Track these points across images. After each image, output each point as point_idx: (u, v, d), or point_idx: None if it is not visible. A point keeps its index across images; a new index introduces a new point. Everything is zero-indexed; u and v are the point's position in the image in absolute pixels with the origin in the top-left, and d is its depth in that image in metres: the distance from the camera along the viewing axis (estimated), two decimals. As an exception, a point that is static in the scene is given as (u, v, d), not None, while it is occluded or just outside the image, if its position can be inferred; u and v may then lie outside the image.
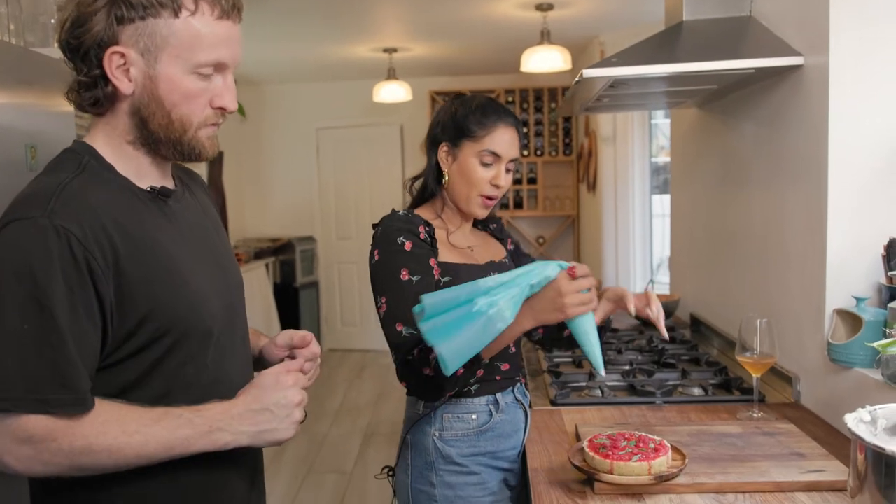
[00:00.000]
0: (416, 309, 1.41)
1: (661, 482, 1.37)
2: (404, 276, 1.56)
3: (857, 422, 1.04)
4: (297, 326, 6.84)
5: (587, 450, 1.45)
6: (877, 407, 1.07)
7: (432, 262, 1.61)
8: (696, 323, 2.88)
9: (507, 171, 1.68)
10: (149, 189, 1.18)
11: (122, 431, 1.05)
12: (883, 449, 0.94)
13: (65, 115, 2.16)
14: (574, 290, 1.41)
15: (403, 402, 1.74)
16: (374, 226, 1.67)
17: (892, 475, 0.94)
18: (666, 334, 1.61)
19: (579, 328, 1.46)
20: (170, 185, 1.24)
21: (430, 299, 1.39)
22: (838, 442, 1.62)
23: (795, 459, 1.48)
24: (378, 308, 1.59)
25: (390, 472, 1.75)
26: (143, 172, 1.18)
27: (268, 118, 7.38)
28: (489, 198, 1.68)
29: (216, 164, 6.30)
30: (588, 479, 1.43)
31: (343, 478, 4.18)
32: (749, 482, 1.38)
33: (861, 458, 1.00)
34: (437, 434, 1.63)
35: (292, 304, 6.93)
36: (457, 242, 1.71)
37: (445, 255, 1.65)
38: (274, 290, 6.76)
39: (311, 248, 7.28)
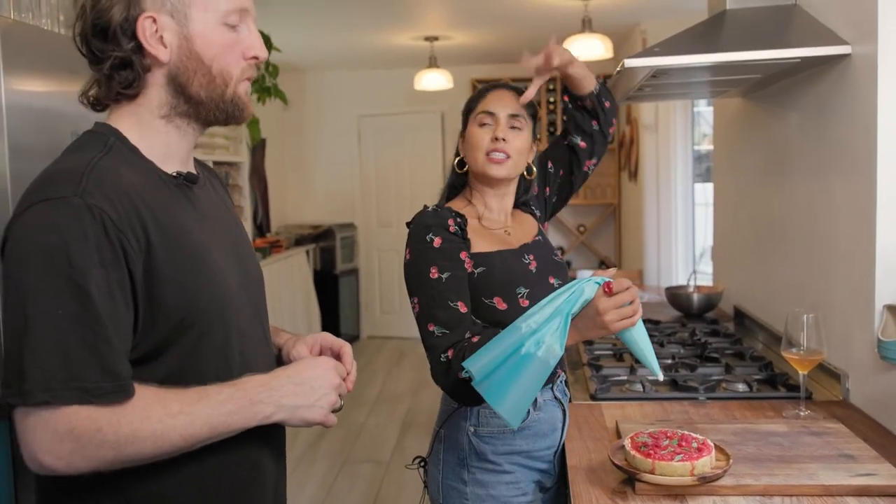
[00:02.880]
0: (464, 374, 1.41)
1: (705, 483, 1.35)
2: (433, 274, 1.55)
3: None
4: (336, 313, 6.94)
5: (628, 448, 1.43)
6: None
7: (463, 255, 1.60)
8: (739, 316, 2.83)
9: (513, 128, 1.68)
10: (175, 174, 1.16)
11: (165, 413, 1.01)
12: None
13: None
14: (613, 307, 1.40)
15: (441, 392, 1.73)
16: (408, 224, 1.67)
17: (946, 484, 0.92)
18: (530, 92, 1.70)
19: (628, 339, 1.45)
20: (192, 170, 1.22)
21: (474, 364, 1.39)
22: (889, 443, 1.57)
23: (844, 461, 1.44)
24: (413, 308, 1.60)
25: (422, 464, 1.74)
26: (170, 153, 1.17)
27: (310, 105, 7.43)
28: (494, 153, 1.67)
29: (259, 150, 6.36)
30: (629, 478, 1.41)
31: (380, 468, 4.20)
32: (796, 485, 1.35)
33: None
34: (472, 429, 1.62)
35: (332, 291, 6.98)
36: (491, 225, 1.70)
37: (479, 243, 1.64)
38: (314, 276, 6.81)
39: (351, 235, 7.31)
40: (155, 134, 1.15)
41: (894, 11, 1.66)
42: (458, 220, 1.63)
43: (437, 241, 1.58)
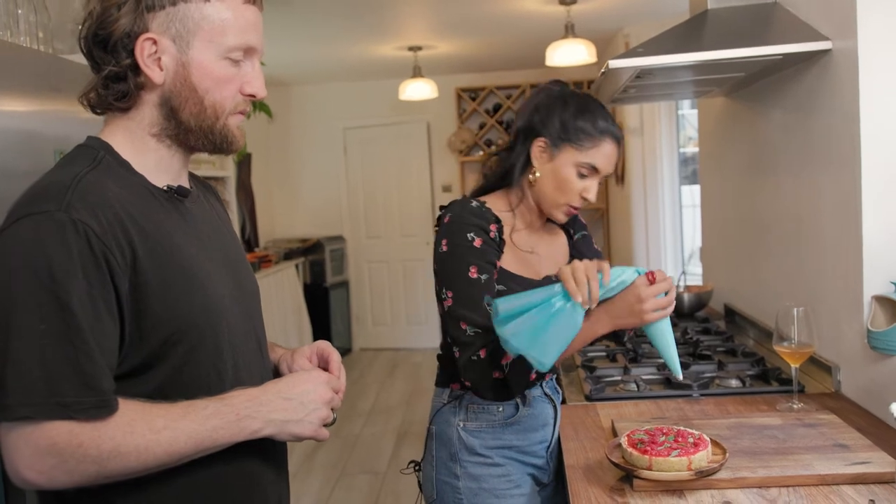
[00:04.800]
0: (490, 308, 1.41)
1: (702, 477, 1.35)
2: (472, 273, 1.53)
3: (903, 412, 1.01)
4: (328, 326, 6.92)
5: (625, 446, 1.43)
6: (922, 396, 1.04)
7: (498, 263, 1.58)
8: (730, 313, 2.84)
9: (598, 183, 1.65)
10: (165, 188, 1.16)
11: (149, 429, 1.01)
12: (930, 440, 0.92)
13: (93, 121, 2.18)
14: (652, 296, 1.39)
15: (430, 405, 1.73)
16: (442, 209, 1.63)
17: (941, 466, 0.92)
18: None
19: (657, 332, 1.45)
20: (186, 184, 1.22)
21: (504, 304, 1.38)
22: (882, 432, 1.58)
23: (839, 451, 1.45)
24: (442, 300, 1.57)
25: (416, 467, 1.74)
26: (161, 168, 1.16)
27: (295, 119, 7.43)
28: (575, 207, 1.64)
29: (244, 165, 6.35)
30: (627, 475, 1.41)
31: (377, 478, 4.19)
32: (793, 476, 1.35)
33: (907, 449, 0.98)
34: (461, 424, 1.62)
35: (323, 304, 6.97)
36: (520, 243, 1.66)
37: (507, 258, 1.61)
38: (304, 290, 6.79)
39: (340, 248, 7.31)
40: (146, 149, 1.15)
41: (873, 6, 1.68)
42: (498, 226, 1.60)
43: (477, 242, 1.55)
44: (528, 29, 5.20)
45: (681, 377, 1.49)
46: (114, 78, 1.11)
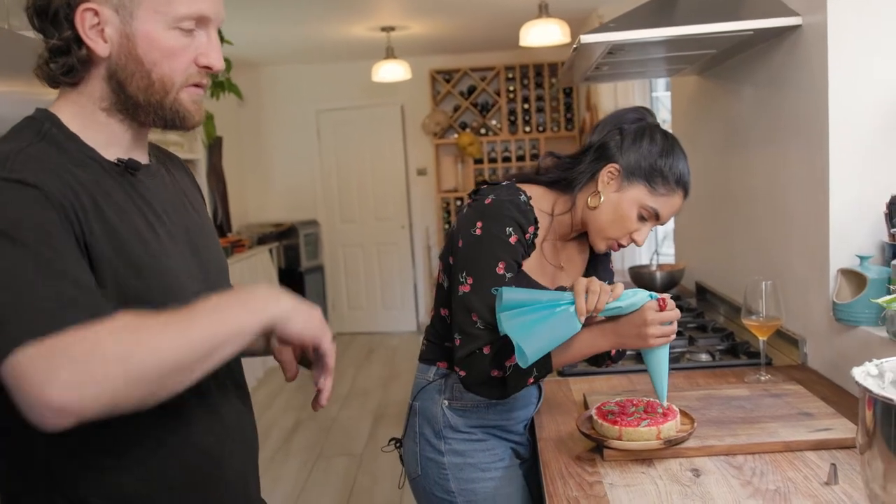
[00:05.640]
0: (495, 291, 1.40)
1: (671, 446, 1.37)
2: (500, 269, 1.48)
3: (865, 375, 1.03)
4: (303, 310, 6.88)
5: (595, 417, 1.45)
6: (883, 360, 1.06)
7: (523, 264, 1.54)
8: (701, 291, 2.87)
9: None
10: (115, 161, 1.11)
11: (157, 323, 0.94)
12: (891, 400, 0.93)
13: (49, 104, 2.14)
14: (659, 321, 1.39)
15: (412, 382, 1.73)
16: (486, 185, 1.57)
17: (901, 428, 0.94)
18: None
19: (654, 358, 1.45)
20: (142, 158, 1.17)
21: (509, 294, 1.37)
22: (845, 401, 1.61)
23: (803, 419, 1.48)
24: (458, 284, 1.50)
25: (398, 444, 1.75)
26: (113, 142, 1.11)
27: (266, 101, 7.36)
28: (621, 245, 1.58)
29: (215, 148, 6.29)
30: (597, 446, 1.43)
31: (353, 460, 4.19)
32: (758, 443, 1.38)
33: (869, 414, 0.99)
34: (446, 402, 1.62)
35: (298, 289, 6.92)
36: (548, 253, 1.60)
37: (530, 262, 1.56)
38: (279, 274, 6.76)
39: (314, 232, 7.27)
40: (96, 123, 1.10)
41: (841, -19, 1.69)
42: (535, 228, 1.54)
43: (513, 239, 1.49)
44: (501, 9, 5.18)
45: (665, 404, 1.46)
46: (57, 51, 1.05)
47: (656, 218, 1.54)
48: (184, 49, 1.08)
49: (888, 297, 1.40)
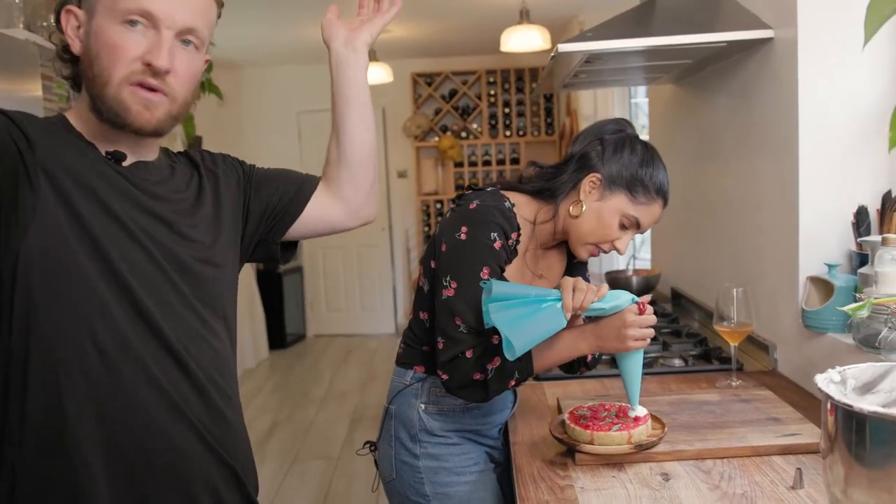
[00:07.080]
0: (483, 284, 1.42)
1: (642, 451, 1.39)
2: (484, 274, 1.49)
3: (828, 382, 1.05)
4: (281, 312, 6.87)
5: (568, 421, 1.46)
6: (846, 367, 1.09)
7: (506, 269, 1.55)
8: (676, 297, 2.91)
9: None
10: (105, 154, 1.15)
11: None
12: (851, 406, 0.96)
13: (33, 100, 2.13)
14: (638, 325, 1.41)
15: (389, 385, 1.74)
16: (470, 190, 1.58)
17: (862, 433, 0.96)
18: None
19: (629, 362, 1.47)
20: (147, 156, 1.20)
21: (498, 287, 1.38)
22: (813, 406, 1.64)
23: (772, 424, 1.51)
24: (442, 288, 1.51)
25: (372, 447, 1.75)
26: (110, 140, 1.15)
27: (248, 102, 7.34)
28: (601, 251, 1.60)
29: (195, 149, 6.24)
30: (569, 450, 1.45)
31: (330, 463, 4.19)
32: (727, 447, 1.41)
33: (831, 419, 1.02)
34: (422, 406, 1.63)
35: (276, 290, 6.92)
36: (530, 261, 1.63)
37: (512, 270, 1.57)
38: (257, 276, 6.74)
39: (294, 234, 7.23)
40: (90, 122, 1.15)
41: (812, -4, 1.73)
42: (518, 235, 1.55)
43: (497, 244, 1.50)
44: (483, 14, 5.21)
45: (637, 409, 1.48)
46: (60, 56, 1.13)
47: (637, 226, 1.57)
48: (126, 44, 1.10)
49: (854, 305, 1.43)
